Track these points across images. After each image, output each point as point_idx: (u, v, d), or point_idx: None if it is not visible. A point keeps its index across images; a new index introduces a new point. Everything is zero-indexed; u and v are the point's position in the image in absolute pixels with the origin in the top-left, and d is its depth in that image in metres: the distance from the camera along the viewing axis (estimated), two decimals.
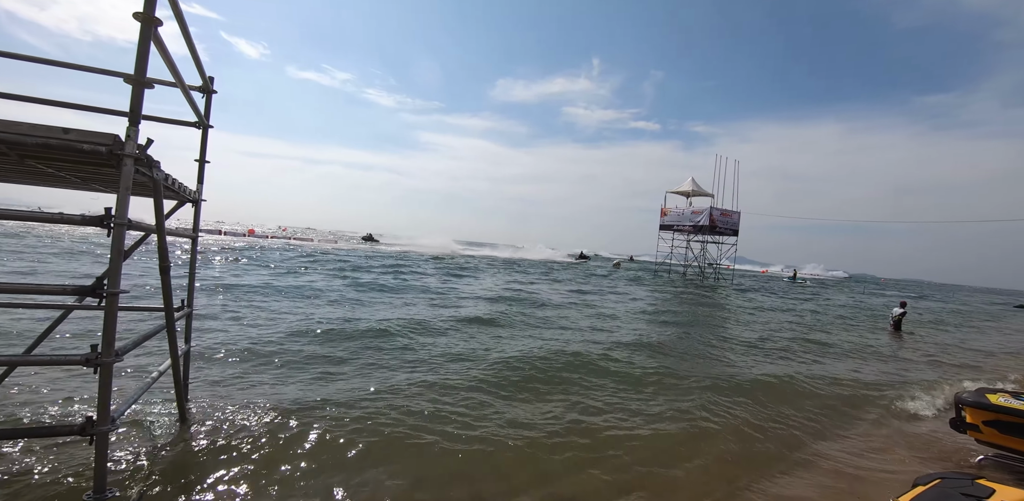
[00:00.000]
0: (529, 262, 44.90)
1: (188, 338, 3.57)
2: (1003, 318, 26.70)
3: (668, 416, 5.30)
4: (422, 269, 24.37)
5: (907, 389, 7.58)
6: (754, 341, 10.71)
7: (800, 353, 9.84)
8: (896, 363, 9.91)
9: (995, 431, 4.34)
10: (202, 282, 12.72)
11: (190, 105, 3.07)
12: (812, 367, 8.60)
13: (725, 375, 7.27)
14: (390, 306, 11.61)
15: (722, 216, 35.30)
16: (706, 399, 5.93)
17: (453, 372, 6.32)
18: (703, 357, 8.59)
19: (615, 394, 5.98)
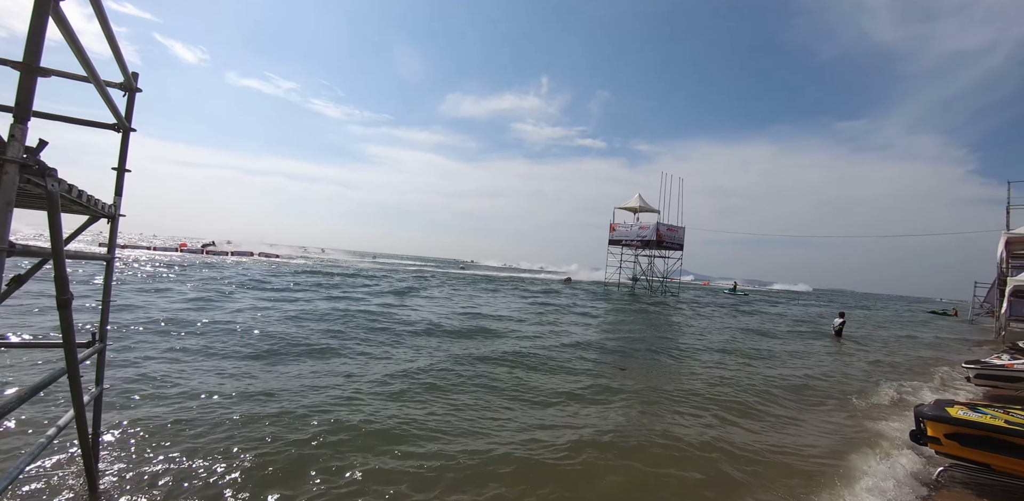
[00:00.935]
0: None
1: (100, 379, 2.98)
2: (928, 322, 29.90)
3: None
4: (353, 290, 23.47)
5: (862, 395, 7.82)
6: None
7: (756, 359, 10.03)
8: (843, 366, 10.32)
9: (956, 443, 4.40)
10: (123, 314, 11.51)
11: (106, 104, 2.60)
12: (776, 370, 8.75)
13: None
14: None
15: (668, 231, 36.40)
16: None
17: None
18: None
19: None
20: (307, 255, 68.19)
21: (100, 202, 2.64)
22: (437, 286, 27.62)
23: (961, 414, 4.39)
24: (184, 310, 11.52)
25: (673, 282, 40.71)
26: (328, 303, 15.22)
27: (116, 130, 2.98)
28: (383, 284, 25.34)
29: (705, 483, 4.21)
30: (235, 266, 30.01)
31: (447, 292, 24.00)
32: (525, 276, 62.59)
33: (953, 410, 4.48)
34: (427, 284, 28.71)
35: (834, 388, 8.56)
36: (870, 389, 8.56)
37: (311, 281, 23.46)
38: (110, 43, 2.54)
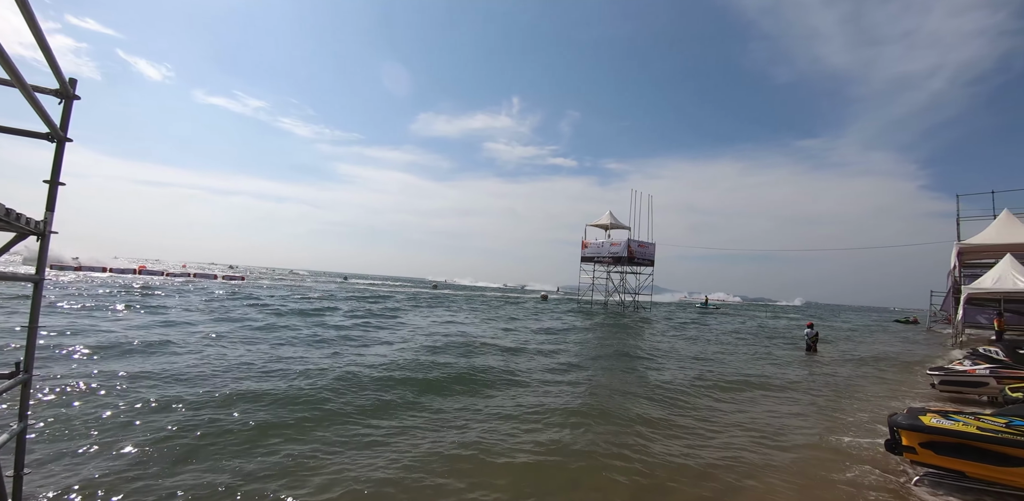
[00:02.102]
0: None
1: (23, 414, 2.67)
2: (893, 332, 31.08)
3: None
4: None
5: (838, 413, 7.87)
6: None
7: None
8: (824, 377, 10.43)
9: (931, 452, 4.40)
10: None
11: (35, 110, 2.40)
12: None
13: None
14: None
15: (639, 247, 36.86)
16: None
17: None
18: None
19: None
20: (282, 278, 66.38)
21: (27, 218, 2.41)
22: (411, 308, 27.14)
23: (935, 422, 4.40)
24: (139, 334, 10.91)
25: (646, 297, 41.10)
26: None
27: (50, 140, 2.76)
28: (344, 308, 24.73)
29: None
30: (198, 291, 28.85)
31: (420, 316, 23.57)
32: (500, 295, 62.35)
33: (926, 418, 4.49)
34: (397, 307, 28.19)
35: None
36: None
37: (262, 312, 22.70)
38: (40, 46, 2.35)
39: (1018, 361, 8.40)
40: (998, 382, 7.95)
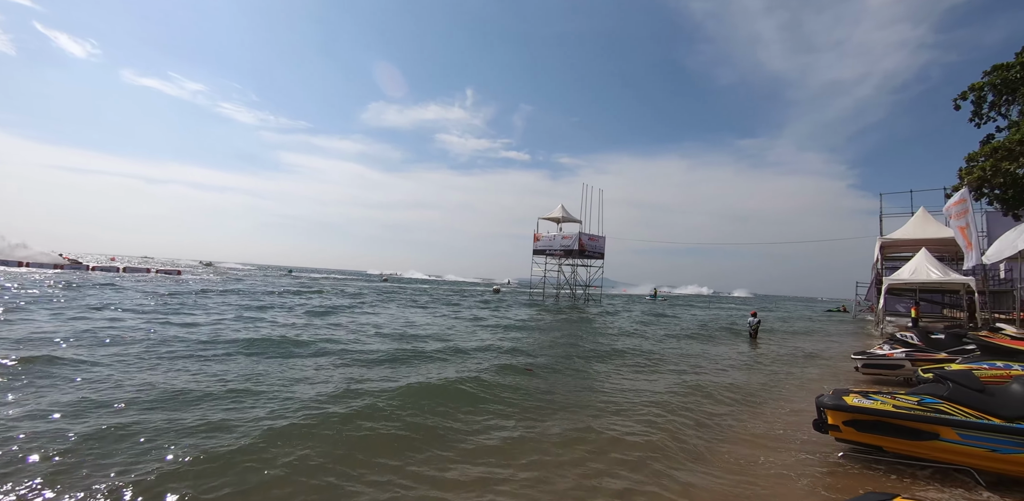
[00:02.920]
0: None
1: None
2: (821, 320, 33.17)
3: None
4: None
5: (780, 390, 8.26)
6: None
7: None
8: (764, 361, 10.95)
9: (853, 429, 4.66)
10: None
11: None
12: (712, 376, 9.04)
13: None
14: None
15: (590, 241, 37.47)
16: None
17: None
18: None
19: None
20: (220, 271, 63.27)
21: None
22: (359, 305, 26.48)
23: (856, 402, 4.66)
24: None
25: (596, 289, 41.94)
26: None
27: None
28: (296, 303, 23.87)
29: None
30: (134, 285, 27.01)
31: (369, 309, 23.04)
32: (452, 287, 62.02)
33: (849, 398, 4.74)
34: (346, 299, 27.47)
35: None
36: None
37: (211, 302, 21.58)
38: None
39: (930, 345, 9.09)
40: (913, 364, 8.57)
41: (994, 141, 17.77)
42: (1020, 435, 3.92)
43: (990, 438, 4.03)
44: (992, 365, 6.17)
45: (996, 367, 6.12)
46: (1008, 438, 3.96)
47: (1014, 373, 5.74)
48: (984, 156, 17.21)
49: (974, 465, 4.15)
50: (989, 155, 16.73)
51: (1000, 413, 4.06)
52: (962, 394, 4.29)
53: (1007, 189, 16.51)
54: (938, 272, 17.80)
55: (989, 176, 16.38)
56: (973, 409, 4.17)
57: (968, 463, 4.18)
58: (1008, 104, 17.99)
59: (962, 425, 4.13)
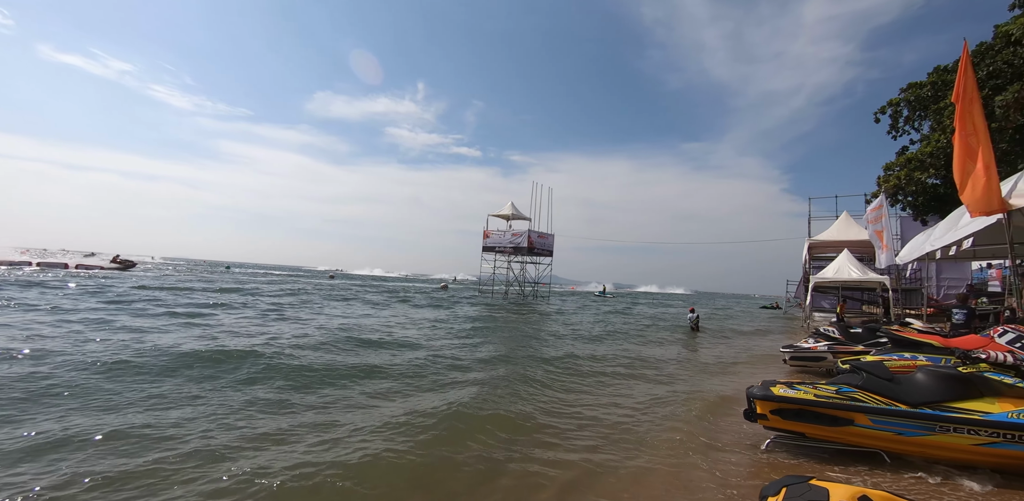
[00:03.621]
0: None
1: None
2: (754, 316, 35.04)
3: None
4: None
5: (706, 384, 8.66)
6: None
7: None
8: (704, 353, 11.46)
9: (779, 418, 4.96)
10: None
11: None
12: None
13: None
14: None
15: (539, 238, 37.87)
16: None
17: None
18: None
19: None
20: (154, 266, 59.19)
21: None
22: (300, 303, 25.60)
23: (781, 392, 4.96)
24: None
25: (544, 286, 42.48)
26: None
27: None
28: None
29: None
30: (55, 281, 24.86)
31: (314, 308, 22.34)
32: (402, 284, 61.01)
33: (776, 389, 5.04)
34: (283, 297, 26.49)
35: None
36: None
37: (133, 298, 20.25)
38: None
39: (849, 339, 9.82)
40: (834, 356, 9.23)
41: (908, 152, 19.40)
42: (922, 419, 4.30)
43: (897, 423, 4.40)
44: (900, 356, 6.73)
45: (904, 358, 6.68)
46: (912, 422, 4.34)
47: (919, 363, 6.27)
48: (899, 166, 18.76)
49: (883, 447, 4.52)
50: (903, 165, 18.26)
51: (906, 400, 4.44)
52: (874, 383, 4.65)
53: (918, 196, 18.07)
54: (858, 272, 19.21)
55: (903, 184, 17.86)
56: (883, 396, 4.53)
57: (878, 446, 4.54)
58: (920, 119, 19.67)
59: (873, 411, 4.48)
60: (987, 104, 12.72)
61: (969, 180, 7.27)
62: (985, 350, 5.02)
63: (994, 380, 4.37)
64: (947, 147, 15.92)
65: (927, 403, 4.35)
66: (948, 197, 16.84)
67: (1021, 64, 13.67)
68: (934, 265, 24.61)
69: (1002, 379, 4.37)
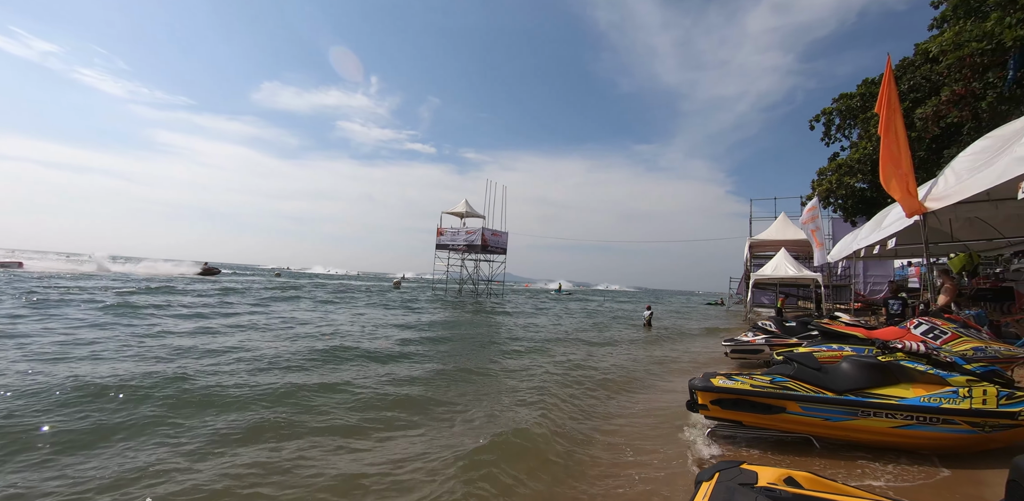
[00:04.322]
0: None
1: None
2: (700, 311, 36.45)
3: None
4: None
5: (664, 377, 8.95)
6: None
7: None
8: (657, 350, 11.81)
9: (718, 407, 5.20)
10: None
11: None
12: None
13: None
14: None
15: (493, 236, 37.94)
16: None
17: None
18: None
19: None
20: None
21: None
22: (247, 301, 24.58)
23: (721, 383, 5.20)
24: None
25: (498, 284, 42.65)
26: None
27: None
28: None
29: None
30: None
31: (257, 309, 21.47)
32: (352, 282, 59.55)
33: (716, 380, 5.28)
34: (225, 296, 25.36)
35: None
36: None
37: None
38: None
39: (784, 332, 10.40)
40: (771, 349, 9.74)
41: (839, 158, 20.69)
42: (846, 405, 4.62)
43: (824, 409, 4.70)
44: (829, 347, 7.21)
45: (832, 349, 7.16)
46: (838, 408, 4.65)
47: (844, 354, 6.73)
48: (831, 171, 19.99)
49: (812, 432, 4.83)
50: (835, 170, 19.47)
51: (832, 387, 4.75)
52: (804, 373, 4.95)
53: (848, 199, 19.31)
54: (793, 269, 20.39)
55: (834, 188, 19.05)
56: (812, 385, 4.83)
57: (808, 431, 4.85)
58: (850, 128, 21.02)
59: (803, 399, 4.77)
60: (907, 115, 13.75)
61: (892, 184, 7.88)
62: (902, 340, 5.45)
63: (908, 368, 4.75)
64: (873, 154, 17.09)
65: (851, 390, 4.67)
66: (874, 200, 18.09)
67: (938, 80, 14.84)
68: (861, 263, 26.43)
69: (915, 367, 4.75)
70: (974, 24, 12.98)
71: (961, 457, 4.27)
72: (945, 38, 13.72)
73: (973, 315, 8.51)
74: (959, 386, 4.44)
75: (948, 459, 4.25)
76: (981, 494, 3.55)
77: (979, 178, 6.26)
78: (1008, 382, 4.67)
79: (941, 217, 8.28)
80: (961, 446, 4.34)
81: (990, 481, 3.72)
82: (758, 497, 1.77)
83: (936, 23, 16.43)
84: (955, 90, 12.84)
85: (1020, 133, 6.04)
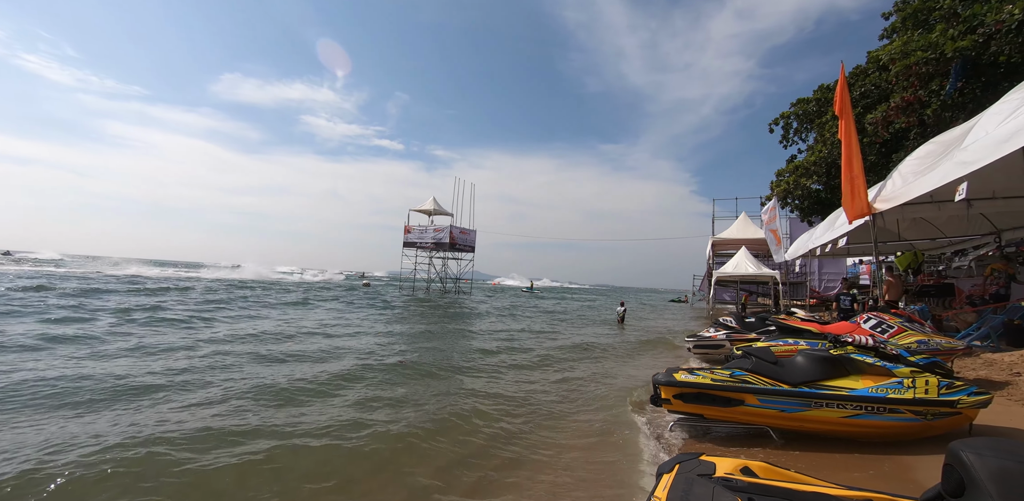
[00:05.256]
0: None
1: None
2: (666, 309, 37.18)
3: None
4: None
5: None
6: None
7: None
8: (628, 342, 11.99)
9: (680, 401, 5.33)
10: None
11: None
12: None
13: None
14: None
15: (461, 234, 37.79)
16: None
17: None
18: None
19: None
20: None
21: None
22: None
23: (683, 378, 5.34)
24: None
25: (466, 282, 42.53)
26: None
27: None
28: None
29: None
30: None
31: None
32: (315, 281, 58.19)
33: (678, 375, 5.41)
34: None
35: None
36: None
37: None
38: None
39: (744, 327, 10.75)
40: (731, 344, 10.05)
41: (796, 161, 21.48)
42: (800, 397, 4.81)
43: (780, 401, 4.88)
44: (785, 342, 7.50)
45: (788, 343, 7.44)
46: (793, 400, 4.84)
47: (799, 348, 7.01)
48: (788, 172, 20.73)
49: (770, 424, 5.01)
50: (792, 172, 20.20)
51: (788, 380, 4.94)
52: (761, 366, 5.13)
53: (804, 200, 20.07)
54: (753, 267, 21.11)
55: (792, 189, 19.76)
56: (769, 378, 5.01)
57: (766, 422, 5.02)
58: (807, 131, 21.86)
59: (761, 392, 4.95)
60: (859, 121, 14.40)
61: (843, 186, 8.25)
62: (852, 334, 5.71)
63: (858, 360, 4.99)
64: (827, 157, 17.83)
65: (805, 382, 4.87)
66: (829, 201, 18.87)
67: (887, 87, 15.58)
68: (816, 261, 27.57)
69: (864, 359, 4.99)
70: (920, 35, 13.69)
71: (903, 444, 4.51)
72: (894, 47, 14.43)
73: (917, 310, 9.02)
74: (904, 377, 4.69)
75: (891, 446, 4.48)
76: (918, 478, 3.76)
77: (923, 181, 6.63)
78: (948, 372, 4.97)
79: (888, 217, 8.72)
80: (905, 434, 4.58)
81: (928, 466, 3.95)
82: (715, 487, 1.83)
83: (887, 33, 17.25)
84: (904, 97, 13.51)
85: (961, 139, 6.42)
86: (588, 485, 4.22)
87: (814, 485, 1.91)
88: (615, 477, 4.38)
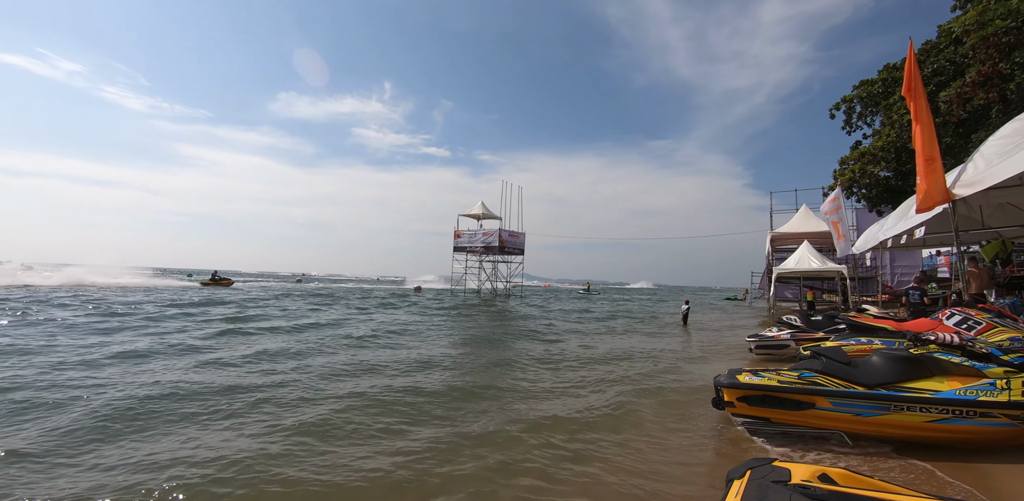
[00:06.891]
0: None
1: None
2: (725, 308, 36.02)
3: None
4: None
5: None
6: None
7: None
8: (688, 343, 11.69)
9: (745, 404, 5.11)
10: None
11: None
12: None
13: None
14: None
15: (510, 237, 37.99)
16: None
17: None
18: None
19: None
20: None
21: None
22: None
23: (747, 379, 5.12)
24: None
25: (517, 285, 42.68)
26: None
27: None
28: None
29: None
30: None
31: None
32: (367, 287, 60.24)
33: (741, 377, 5.20)
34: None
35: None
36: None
37: None
38: None
39: (810, 326, 10.19)
40: (796, 344, 9.55)
41: (861, 147, 20.19)
42: (878, 400, 4.50)
43: (855, 404, 4.59)
44: (857, 341, 7.02)
45: (860, 342, 6.97)
46: (869, 403, 4.53)
47: (874, 347, 6.55)
48: (853, 160, 19.52)
49: (843, 428, 4.71)
50: (857, 159, 19.00)
51: (862, 382, 4.64)
52: (833, 367, 4.84)
53: (872, 188, 18.83)
54: (817, 262, 19.98)
55: (857, 177, 18.59)
56: (842, 380, 4.72)
57: (838, 427, 4.73)
58: (872, 115, 20.51)
59: (833, 394, 4.67)
60: (932, 100, 13.36)
61: (918, 171, 7.65)
62: (934, 332, 5.29)
63: (943, 360, 4.61)
64: (896, 141, 16.65)
65: (883, 384, 4.55)
66: (900, 188, 17.62)
67: (962, 62, 14.39)
68: (888, 254, 25.78)
69: (949, 359, 4.61)
70: (998, 2, 12.55)
71: (995, 451, 4.13)
72: (968, 17, 13.30)
73: (1008, 304, 8.23)
74: (996, 378, 4.30)
75: (982, 453, 4.11)
76: (1014, 489, 3.43)
77: (1011, 162, 6.06)
78: None
79: (971, 204, 8.02)
80: (999, 440, 4.19)
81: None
82: (792, 494, 1.74)
83: (959, 3, 15.95)
84: (981, 71, 12.42)
85: None
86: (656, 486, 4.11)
87: (899, 494, 1.78)
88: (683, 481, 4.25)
